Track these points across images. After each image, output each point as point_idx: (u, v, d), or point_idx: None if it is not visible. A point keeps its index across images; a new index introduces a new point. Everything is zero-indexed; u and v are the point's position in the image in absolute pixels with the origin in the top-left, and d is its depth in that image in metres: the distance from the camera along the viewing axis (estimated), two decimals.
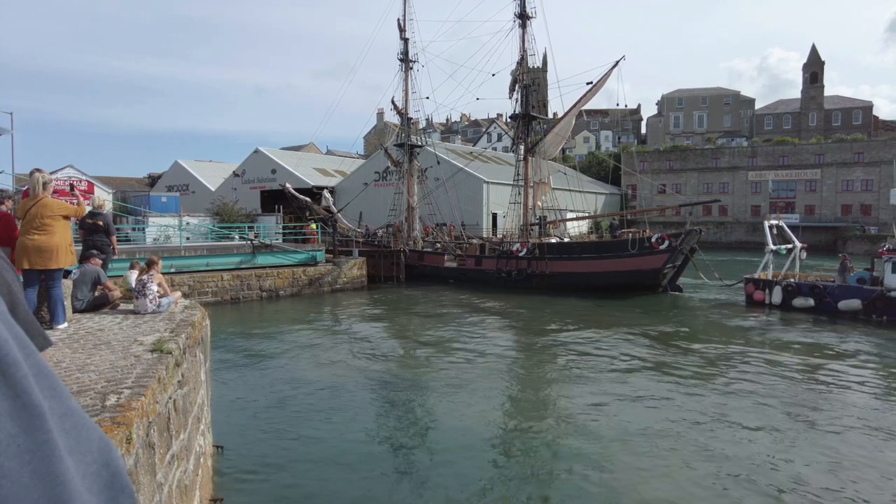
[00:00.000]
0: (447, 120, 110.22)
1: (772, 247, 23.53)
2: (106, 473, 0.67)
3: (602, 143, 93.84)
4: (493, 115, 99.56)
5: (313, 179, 51.68)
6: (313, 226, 34.56)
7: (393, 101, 36.66)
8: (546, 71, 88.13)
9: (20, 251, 6.79)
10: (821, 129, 77.33)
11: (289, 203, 40.02)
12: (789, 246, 23.99)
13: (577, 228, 42.16)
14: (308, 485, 8.11)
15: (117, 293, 8.81)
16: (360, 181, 47.42)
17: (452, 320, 21.29)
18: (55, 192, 7.62)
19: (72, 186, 27.91)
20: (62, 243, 7.01)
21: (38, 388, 0.63)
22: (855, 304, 20.43)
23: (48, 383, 0.65)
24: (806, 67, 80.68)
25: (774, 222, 24.09)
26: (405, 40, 35.62)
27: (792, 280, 22.71)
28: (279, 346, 16.83)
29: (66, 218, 7.21)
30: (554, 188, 34.36)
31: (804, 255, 24.04)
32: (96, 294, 8.48)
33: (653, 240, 26.92)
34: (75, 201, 7.63)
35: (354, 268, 29.84)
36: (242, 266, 25.87)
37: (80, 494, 0.61)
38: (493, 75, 36.97)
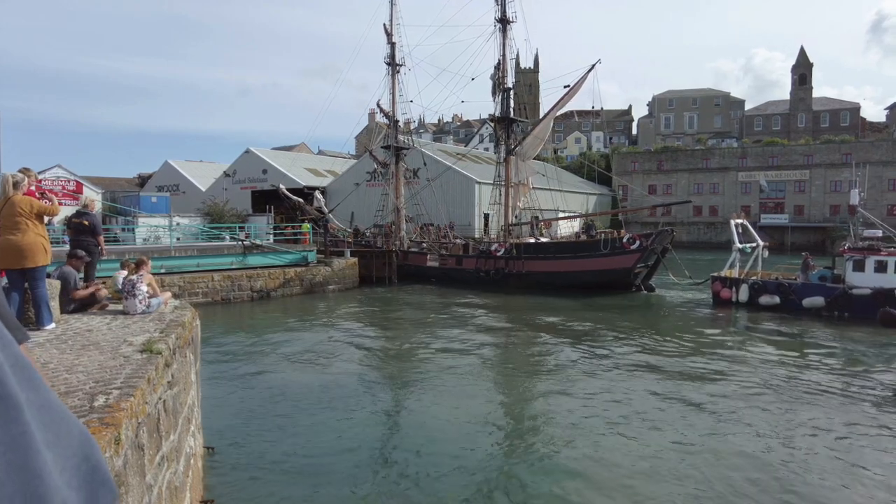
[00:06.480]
0: (439, 121, 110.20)
1: (738, 245, 24.00)
2: (86, 468, 0.65)
3: (593, 143, 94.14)
4: (485, 116, 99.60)
5: (305, 180, 51.52)
6: (305, 226, 34.47)
7: (379, 104, 36.72)
8: (537, 72, 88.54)
9: None
10: (809, 131, 77.99)
11: (280, 203, 39.94)
12: (753, 245, 24.49)
13: (570, 228, 42.45)
14: (300, 486, 8.06)
15: (104, 293, 8.72)
16: (352, 181, 47.30)
17: (437, 320, 21.38)
18: (30, 193, 7.36)
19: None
20: (35, 242, 6.82)
21: (15, 379, 0.61)
22: (818, 301, 20.98)
23: (26, 375, 0.63)
24: (794, 69, 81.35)
25: (740, 221, 24.66)
26: (392, 44, 35.63)
27: (757, 278, 23.23)
28: (270, 347, 16.75)
29: (39, 216, 6.98)
30: (537, 188, 34.74)
31: (766, 253, 24.85)
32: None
33: (624, 240, 27.65)
34: (48, 202, 7.37)
35: (346, 268, 29.77)
36: (233, 267, 25.73)
37: (59, 489, 0.59)
38: (473, 79, 36.91)
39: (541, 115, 37.43)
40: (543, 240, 32.99)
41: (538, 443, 9.63)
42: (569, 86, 31.09)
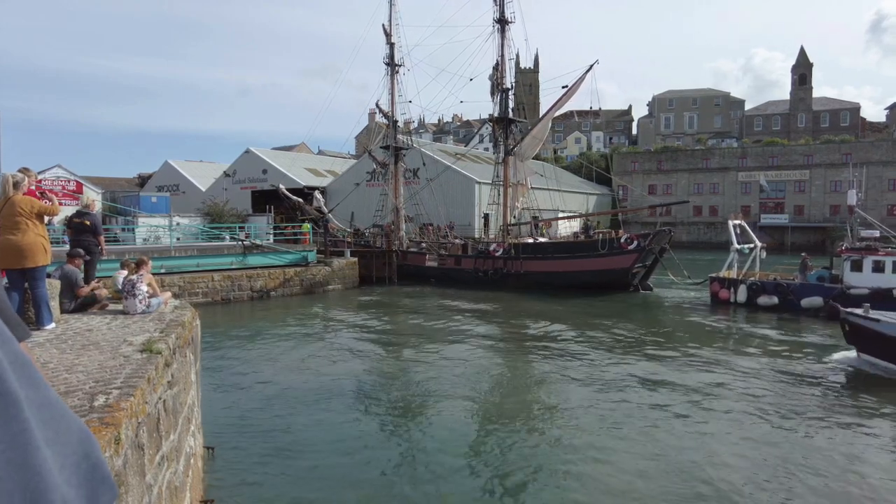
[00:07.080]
0: (439, 121, 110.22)
1: (736, 245, 24.06)
2: (86, 465, 0.65)
3: (593, 143, 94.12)
4: (485, 116, 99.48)
5: (305, 180, 51.52)
6: (305, 226, 34.50)
7: (378, 105, 36.71)
8: (537, 72, 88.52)
9: None
10: (809, 131, 77.98)
11: (280, 203, 39.96)
12: (751, 245, 24.57)
13: (570, 228, 42.53)
14: (300, 486, 8.06)
15: (104, 293, 8.72)
16: (352, 181, 47.30)
17: (436, 320, 21.38)
18: (30, 193, 7.33)
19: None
20: (35, 242, 6.81)
21: (15, 376, 0.60)
22: (817, 301, 21.01)
23: (25, 372, 0.63)
24: (794, 69, 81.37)
25: (738, 222, 24.75)
26: (391, 45, 35.64)
27: (755, 278, 23.32)
28: (270, 347, 16.75)
29: (39, 216, 6.97)
30: (536, 188, 34.82)
31: (764, 254, 24.94)
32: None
33: (622, 240, 27.75)
34: (48, 202, 7.36)
35: (346, 268, 29.78)
36: (233, 267, 25.73)
37: (59, 486, 0.59)
38: (472, 80, 36.82)
39: (541, 115, 37.46)
40: (542, 240, 33.07)
41: (538, 442, 9.63)
42: (567, 86, 31.18)
